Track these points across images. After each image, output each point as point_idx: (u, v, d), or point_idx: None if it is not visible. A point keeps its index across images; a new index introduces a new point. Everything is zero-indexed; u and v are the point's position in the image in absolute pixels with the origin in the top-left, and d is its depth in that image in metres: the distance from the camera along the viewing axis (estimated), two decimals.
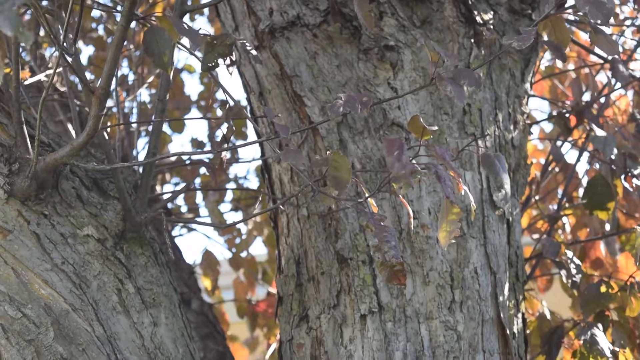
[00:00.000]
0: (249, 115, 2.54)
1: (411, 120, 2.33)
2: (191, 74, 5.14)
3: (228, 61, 2.40)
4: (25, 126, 2.37)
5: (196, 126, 19.41)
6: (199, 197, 4.37)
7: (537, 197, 3.42)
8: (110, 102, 3.86)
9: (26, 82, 3.05)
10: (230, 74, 2.54)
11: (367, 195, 2.28)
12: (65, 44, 2.26)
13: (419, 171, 2.01)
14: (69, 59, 2.33)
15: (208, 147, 4.38)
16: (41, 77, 3.17)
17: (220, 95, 4.73)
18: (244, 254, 4.32)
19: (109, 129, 3.30)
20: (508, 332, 2.68)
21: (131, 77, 4.40)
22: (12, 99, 2.34)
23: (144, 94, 4.52)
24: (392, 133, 2.74)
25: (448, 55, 2.24)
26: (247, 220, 2.32)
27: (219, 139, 4.26)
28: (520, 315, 2.79)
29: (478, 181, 2.74)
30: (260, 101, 2.87)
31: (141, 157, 4.22)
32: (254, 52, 2.41)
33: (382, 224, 2.11)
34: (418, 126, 2.34)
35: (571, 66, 4.31)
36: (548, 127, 5.02)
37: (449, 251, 2.65)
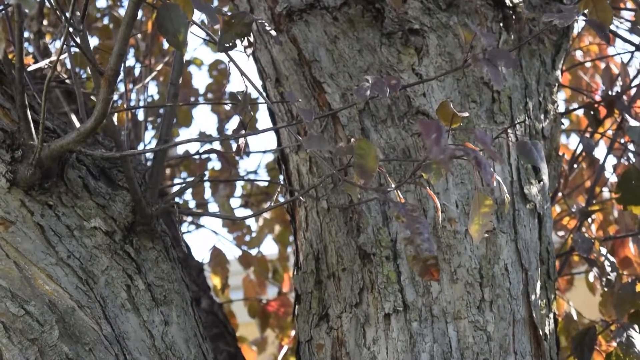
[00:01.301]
0: (268, 101, 2.39)
1: (440, 107, 2.19)
2: (199, 67, 5.00)
3: (246, 42, 2.25)
4: (29, 110, 2.22)
5: (204, 120, 19.22)
6: (208, 192, 4.22)
7: (565, 192, 3.27)
8: (115, 96, 3.71)
9: (29, 69, 2.90)
10: (248, 56, 2.39)
11: (393, 185, 2.14)
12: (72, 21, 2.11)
13: (459, 156, 1.85)
14: (77, 40, 2.17)
15: (211, 148, 4.21)
16: (45, 63, 3.02)
17: (229, 87, 4.59)
18: (254, 252, 4.17)
19: (117, 115, 3.15)
20: (540, 333, 2.52)
21: (135, 71, 4.26)
22: (15, 81, 2.19)
23: (151, 87, 4.37)
24: (417, 122, 2.58)
25: (484, 34, 2.09)
26: (265, 212, 2.17)
27: (229, 132, 4.10)
28: (551, 315, 2.63)
29: (508, 173, 2.59)
30: (277, 88, 2.71)
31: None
32: (273, 32, 2.26)
33: (414, 214, 1.96)
34: (447, 112, 2.19)
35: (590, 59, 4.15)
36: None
37: (477, 247, 2.49)
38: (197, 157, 4.14)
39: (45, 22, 4.26)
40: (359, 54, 2.61)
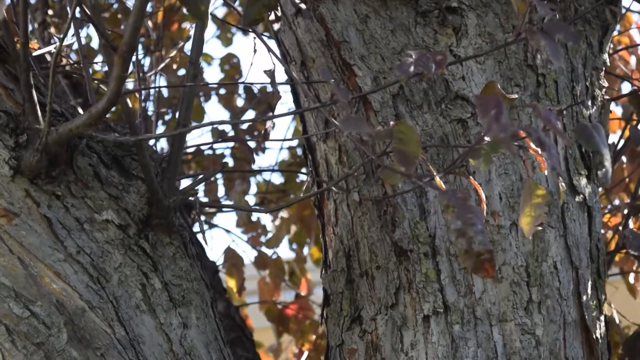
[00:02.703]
0: (298, 81, 2.19)
1: (486, 88, 1.99)
2: (209, 64, 4.81)
3: (272, 16, 2.05)
4: (34, 91, 2.01)
5: (216, 116, 18.92)
6: (221, 190, 4.01)
7: (608, 187, 3.06)
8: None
9: (35, 54, 2.70)
10: (276, 33, 2.19)
11: (434, 174, 1.93)
12: None
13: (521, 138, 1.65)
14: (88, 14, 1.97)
15: (232, 135, 3.99)
16: (50, 49, 2.83)
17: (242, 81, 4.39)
18: (271, 252, 3.96)
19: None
20: (593, 336, 2.31)
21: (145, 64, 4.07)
22: (19, 59, 1.99)
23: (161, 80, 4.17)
24: (456, 107, 2.38)
25: (540, 3, 1.88)
26: (292, 204, 1.97)
27: (243, 130, 3.90)
28: (602, 317, 2.41)
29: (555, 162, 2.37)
30: (303, 72, 2.51)
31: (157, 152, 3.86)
32: (303, 5, 2.06)
33: (466, 203, 1.75)
34: (494, 94, 1.99)
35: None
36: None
37: (524, 243, 2.28)
38: (210, 151, 3.93)
39: (50, 12, 4.07)
40: (392, 34, 2.40)
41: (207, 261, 3.49)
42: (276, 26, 2.08)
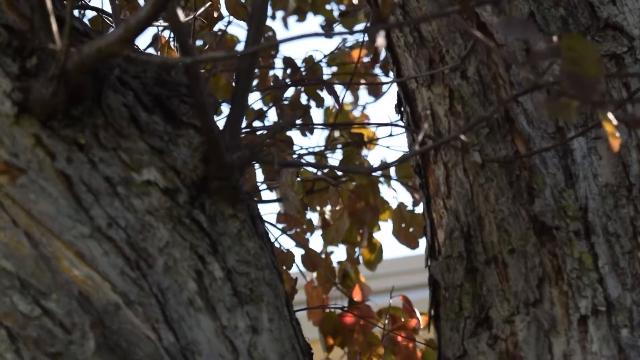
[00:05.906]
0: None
1: None
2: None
3: None
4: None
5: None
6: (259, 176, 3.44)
7: None
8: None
9: None
10: None
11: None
12: None
13: None
14: None
15: (272, 117, 3.41)
16: None
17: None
18: (319, 250, 3.37)
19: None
20: None
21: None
22: None
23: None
24: (606, 39, 1.81)
25: None
26: (402, 162, 1.45)
27: (286, 102, 3.32)
28: None
29: None
30: (399, 3, 1.94)
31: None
32: None
33: None
34: None
35: None
36: None
37: None
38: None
39: None
40: None
41: None
42: None
